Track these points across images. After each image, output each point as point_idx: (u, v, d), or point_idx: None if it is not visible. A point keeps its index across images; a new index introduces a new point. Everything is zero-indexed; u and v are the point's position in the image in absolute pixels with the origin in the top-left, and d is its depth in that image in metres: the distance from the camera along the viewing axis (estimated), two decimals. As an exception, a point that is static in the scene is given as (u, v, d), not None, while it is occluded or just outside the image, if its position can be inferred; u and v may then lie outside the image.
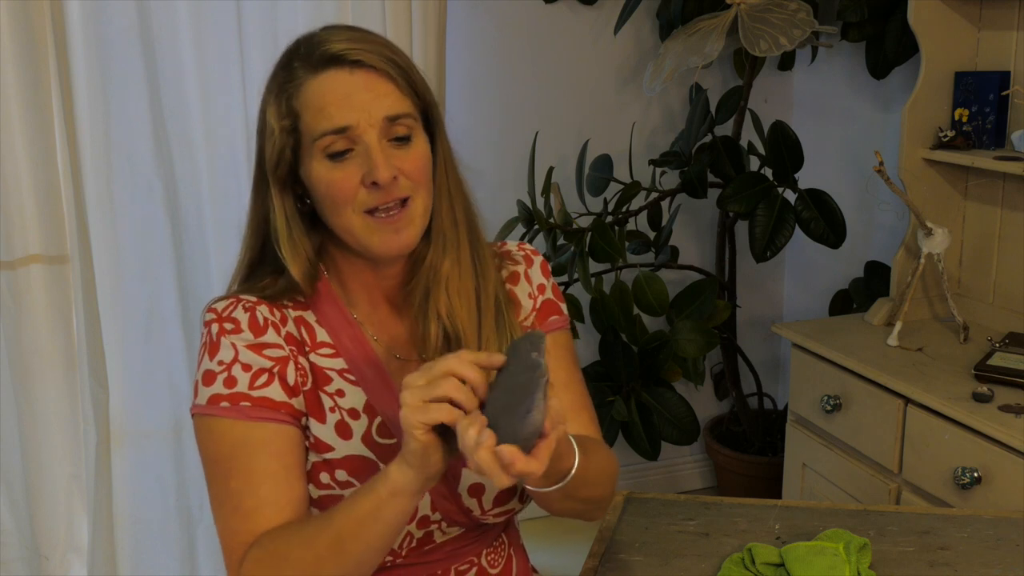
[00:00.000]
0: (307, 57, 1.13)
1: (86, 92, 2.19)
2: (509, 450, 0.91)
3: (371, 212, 1.10)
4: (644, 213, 2.67)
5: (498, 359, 0.95)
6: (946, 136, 2.13)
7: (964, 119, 2.14)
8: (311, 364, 1.16)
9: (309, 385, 1.16)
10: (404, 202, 1.11)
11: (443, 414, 0.93)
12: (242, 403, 1.11)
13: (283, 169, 1.13)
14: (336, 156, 1.10)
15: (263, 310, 1.15)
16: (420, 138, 1.14)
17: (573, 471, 1.05)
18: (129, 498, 2.38)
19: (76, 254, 2.19)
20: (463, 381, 0.94)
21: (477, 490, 1.18)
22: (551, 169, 2.56)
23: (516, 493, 1.21)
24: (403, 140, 1.12)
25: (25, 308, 2.19)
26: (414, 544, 1.18)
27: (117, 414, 2.32)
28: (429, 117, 1.17)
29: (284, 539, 1.05)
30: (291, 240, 1.15)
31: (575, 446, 1.06)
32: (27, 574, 2.34)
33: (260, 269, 1.19)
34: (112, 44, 2.20)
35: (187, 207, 2.33)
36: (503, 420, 0.93)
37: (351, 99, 1.09)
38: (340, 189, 1.10)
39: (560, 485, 1.05)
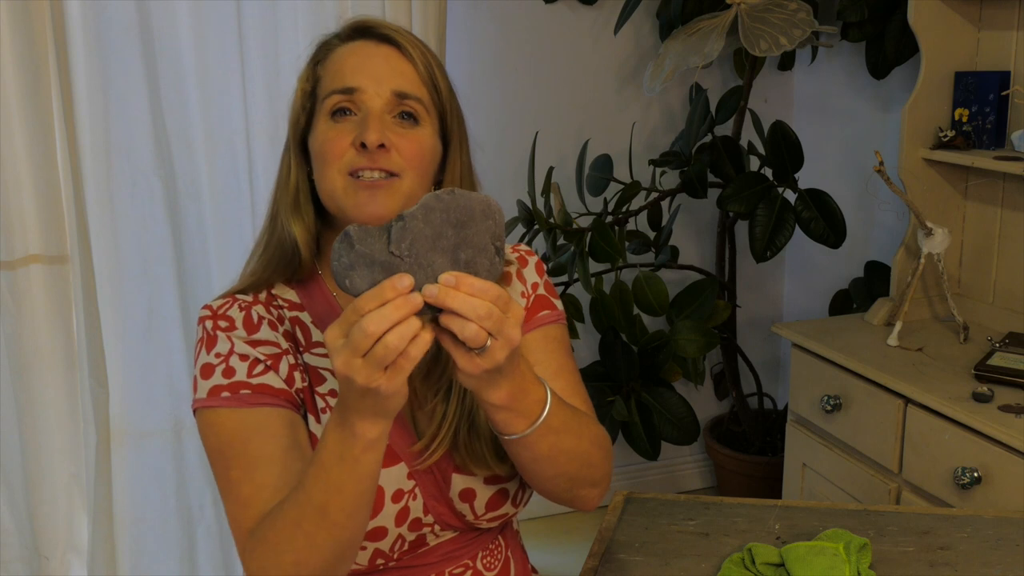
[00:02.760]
0: (342, 29, 1.18)
1: (86, 92, 2.19)
2: (447, 275, 0.88)
3: (355, 176, 1.10)
4: (644, 213, 2.67)
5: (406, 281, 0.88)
6: (946, 136, 2.13)
7: (964, 119, 2.14)
8: (306, 364, 1.17)
9: (305, 383, 1.16)
10: (390, 176, 1.11)
11: (410, 363, 0.88)
12: (242, 391, 1.11)
13: (298, 131, 1.16)
14: (337, 115, 1.12)
15: (259, 309, 1.16)
16: (427, 128, 1.14)
17: (546, 409, 1.03)
18: (129, 498, 2.38)
19: (76, 254, 2.19)
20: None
21: (468, 495, 1.18)
22: (551, 169, 2.56)
23: (509, 497, 1.20)
24: (409, 119, 1.13)
25: (25, 308, 2.19)
26: (406, 547, 1.17)
27: (117, 414, 2.32)
28: (447, 124, 1.17)
29: (273, 525, 1.03)
30: (297, 203, 1.16)
31: (544, 382, 1.05)
32: (27, 574, 2.34)
33: (264, 254, 1.19)
34: (112, 44, 2.20)
35: (187, 207, 2.33)
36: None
37: (366, 66, 1.12)
38: (332, 146, 1.11)
39: (536, 425, 1.03)
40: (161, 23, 2.22)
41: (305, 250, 1.16)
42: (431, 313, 0.89)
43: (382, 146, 1.09)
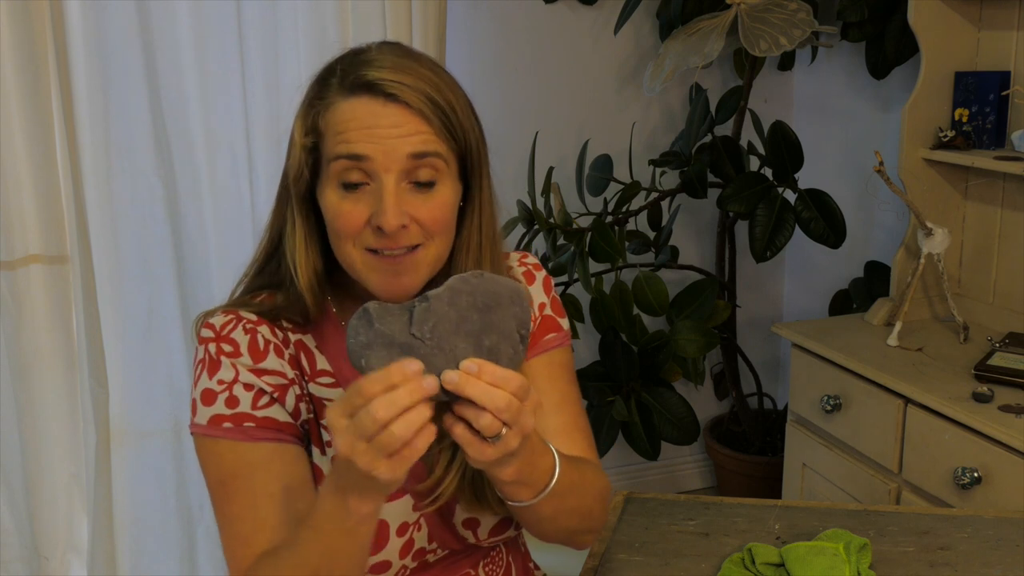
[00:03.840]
0: (344, 76, 1.05)
1: (86, 92, 2.19)
2: (469, 363, 0.87)
3: (374, 251, 1.05)
4: (644, 213, 2.67)
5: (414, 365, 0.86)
6: (946, 136, 2.13)
7: (964, 119, 2.14)
8: (311, 394, 1.13)
9: (311, 415, 1.13)
10: (413, 248, 1.05)
11: (415, 455, 0.86)
12: (246, 423, 1.08)
13: (301, 186, 1.09)
14: (349, 187, 1.04)
15: (264, 331, 1.11)
16: (447, 185, 1.07)
17: (555, 476, 1.01)
18: (129, 498, 2.38)
19: (76, 254, 2.19)
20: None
21: (472, 524, 1.17)
22: (551, 169, 2.56)
23: (513, 523, 1.19)
24: (426, 185, 1.05)
25: (25, 308, 2.19)
26: (408, 573, 1.16)
27: (117, 414, 2.32)
28: (469, 161, 1.10)
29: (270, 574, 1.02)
30: (306, 259, 1.10)
31: (553, 450, 1.03)
32: (27, 574, 2.34)
33: (261, 278, 1.16)
34: (112, 44, 2.20)
35: (187, 207, 2.33)
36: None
37: (375, 131, 1.02)
38: (346, 223, 1.04)
39: (542, 495, 1.01)
40: (161, 23, 2.22)
41: (311, 301, 1.11)
42: (447, 398, 0.87)
43: (402, 226, 1.03)
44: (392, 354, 0.87)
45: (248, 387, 1.09)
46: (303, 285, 1.10)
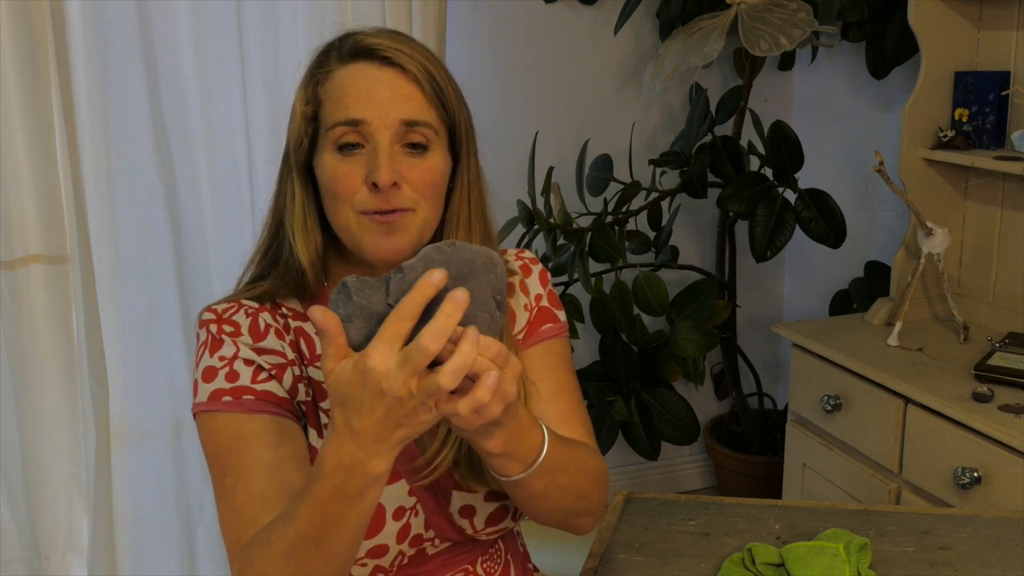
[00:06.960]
0: (341, 47, 1.12)
1: (86, 92, 2.19)
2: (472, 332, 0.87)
3: (368, 214, 1.08)
4: (644, 213, 2.67)
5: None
6: (946, 136, 2.13)
7: (964, 119, 2.14)
8: (310, 377, 1.15)
9: (309, 397, 1.14)
10: (403, 211, 1.09)
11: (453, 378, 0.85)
12: (245, 396, 1.09)
13: (301, 155, 1.13)
14: (345, 149, 1.08)
15: (265, 316, 1.14)
16: (438, 153, 1.11)
17: (544, 451, 1.01)
18: (129, 498, 2.38)
19: (76, 254, 2.19)
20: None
21: (468, 511, 1.17)
22: (551, 169, 2.56)
23: (510, 513, 1.19)
24: (418, 149, 1.09)
25: (25, 308, 2.19)
26: (406, 561, 1.17)
27: (117, 414, 2.32)
28: (457, 136, 1.14)
29: (261, 553, 1.00)
30: (304, 228, 1.13)
31: (543, 425, 1.03)
32: (27, 574, 2.34)
33: (265, 261, 1.17)
34: (112, 44, 2.20)
35: (187, 207, 2.33)
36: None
37: (371, 94, 1.08)
38: (342, 184, 1.08)
39: (531, 469, 1.01)
40: (161, 23, 2.22)
41: (312, 274, 1.13)
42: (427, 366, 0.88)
43: (394, 184, 1.06)
44: (371, 325, 0.88)
45: (248, 363, 1.11)
46: (302, 256, 1.13)
